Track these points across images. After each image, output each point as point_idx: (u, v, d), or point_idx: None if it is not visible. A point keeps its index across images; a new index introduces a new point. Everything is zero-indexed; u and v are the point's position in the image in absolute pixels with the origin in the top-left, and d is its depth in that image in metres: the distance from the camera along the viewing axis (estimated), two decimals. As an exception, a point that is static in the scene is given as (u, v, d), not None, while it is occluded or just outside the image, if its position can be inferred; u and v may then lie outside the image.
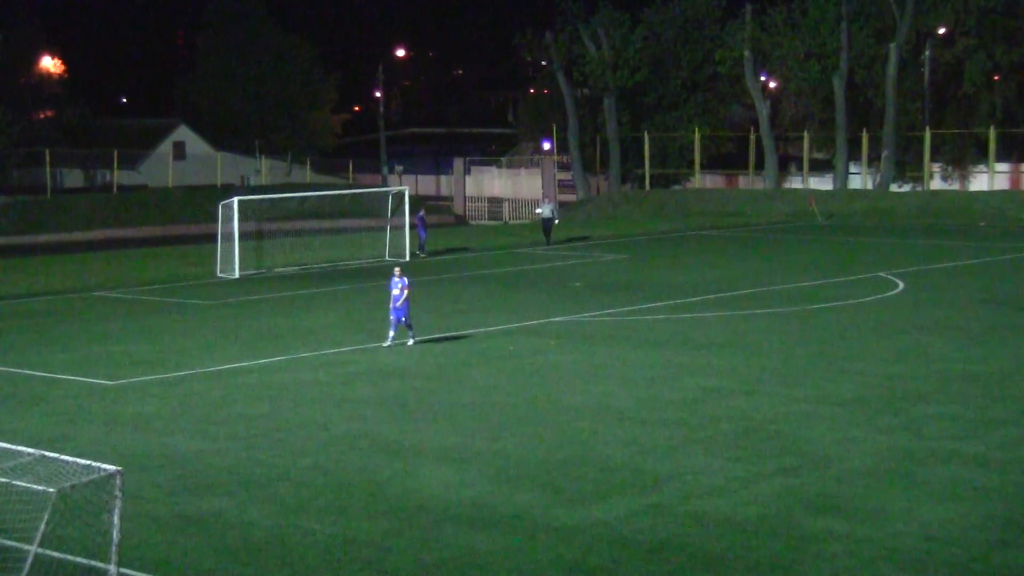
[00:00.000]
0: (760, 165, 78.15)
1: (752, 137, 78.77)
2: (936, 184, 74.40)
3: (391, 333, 29.82)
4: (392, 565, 15.59)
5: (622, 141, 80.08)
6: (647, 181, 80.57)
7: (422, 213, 52.02)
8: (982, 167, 74.00)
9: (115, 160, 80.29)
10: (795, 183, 78.34)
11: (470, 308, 36.73)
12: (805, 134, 77.05)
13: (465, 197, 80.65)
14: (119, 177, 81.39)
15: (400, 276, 29.56)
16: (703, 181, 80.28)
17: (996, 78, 76.34)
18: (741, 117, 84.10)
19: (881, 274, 42.93)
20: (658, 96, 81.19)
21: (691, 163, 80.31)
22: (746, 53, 76.08)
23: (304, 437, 21.76)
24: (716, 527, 16.82)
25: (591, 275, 44.51)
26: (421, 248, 50.68)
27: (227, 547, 16.27)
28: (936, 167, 74.63)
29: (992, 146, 72.18)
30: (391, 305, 29.65)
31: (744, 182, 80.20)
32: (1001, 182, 73.35)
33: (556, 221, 56.00)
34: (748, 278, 42.59)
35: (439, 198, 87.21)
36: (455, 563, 15.64)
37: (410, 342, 29.95)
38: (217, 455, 20.64)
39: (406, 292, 29.44)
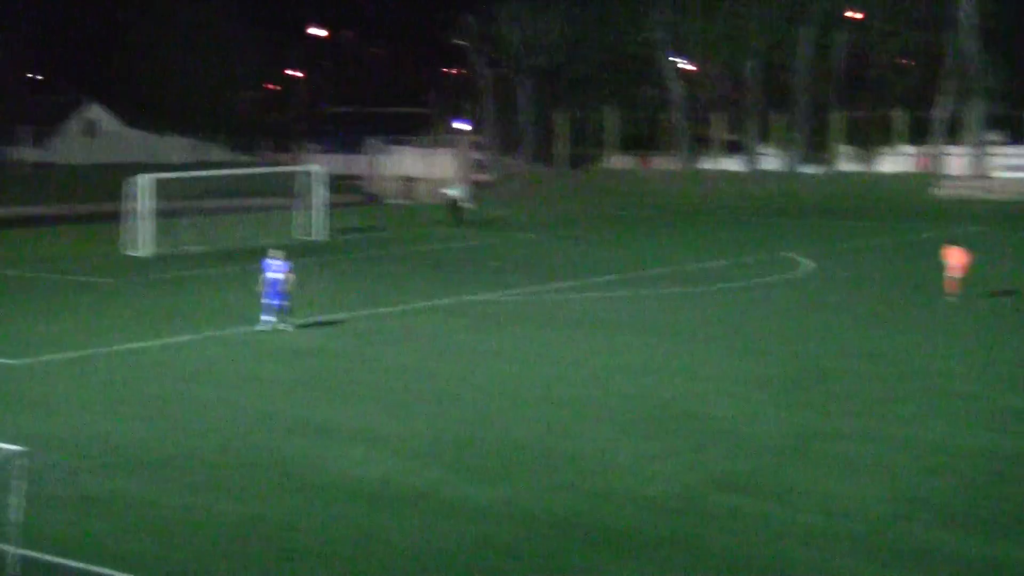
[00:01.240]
0: (674, 146, 78.69)
1: (666, 118, 79.25)
2: (845, 165, 75.46)
3: (267, 318, 28.73)
4: (298, 543, 15.55)
5: (537, 122, 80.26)
6: (562, 161, 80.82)
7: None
8: (890, 149, 75.21)
9: (31, 136, 78.86)
10: (708, 164, 79.02)
11: (383, 288, 36.64)
12: (718, 116, 77.68)
13: (378, 176, 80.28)
14: (28, 154, 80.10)
15: (284, 261, 28.71)
16: (618, 162, 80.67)
17: (905, 63, 77.52)
18: (656, 99, 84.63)
19: (789, 254, 43.44)
20: (574, 77, 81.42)
21: (606, 144, 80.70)
22: (661, 35, 76.49)
23: (213, 416, 21.61)
24: (623, 504, 16.96)
25: (505, 255, 44.57)
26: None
27: (131, 527, 16.12)
28: (846, 149, 75.68)
29: (900, 128, 73.29)
30: (264, 288, 28.61)
31: (658, 163, 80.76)
32: (908, 164, 74.60)
33: (470, 205, 55.61)
34: (659, 258, 42.93)
35: (352, 177, 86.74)
36: (361, 541, 15.63)
37: (290, 328, 28.79)
38: (123, 435, 20.43)
39: (291, 277, 28.71)
